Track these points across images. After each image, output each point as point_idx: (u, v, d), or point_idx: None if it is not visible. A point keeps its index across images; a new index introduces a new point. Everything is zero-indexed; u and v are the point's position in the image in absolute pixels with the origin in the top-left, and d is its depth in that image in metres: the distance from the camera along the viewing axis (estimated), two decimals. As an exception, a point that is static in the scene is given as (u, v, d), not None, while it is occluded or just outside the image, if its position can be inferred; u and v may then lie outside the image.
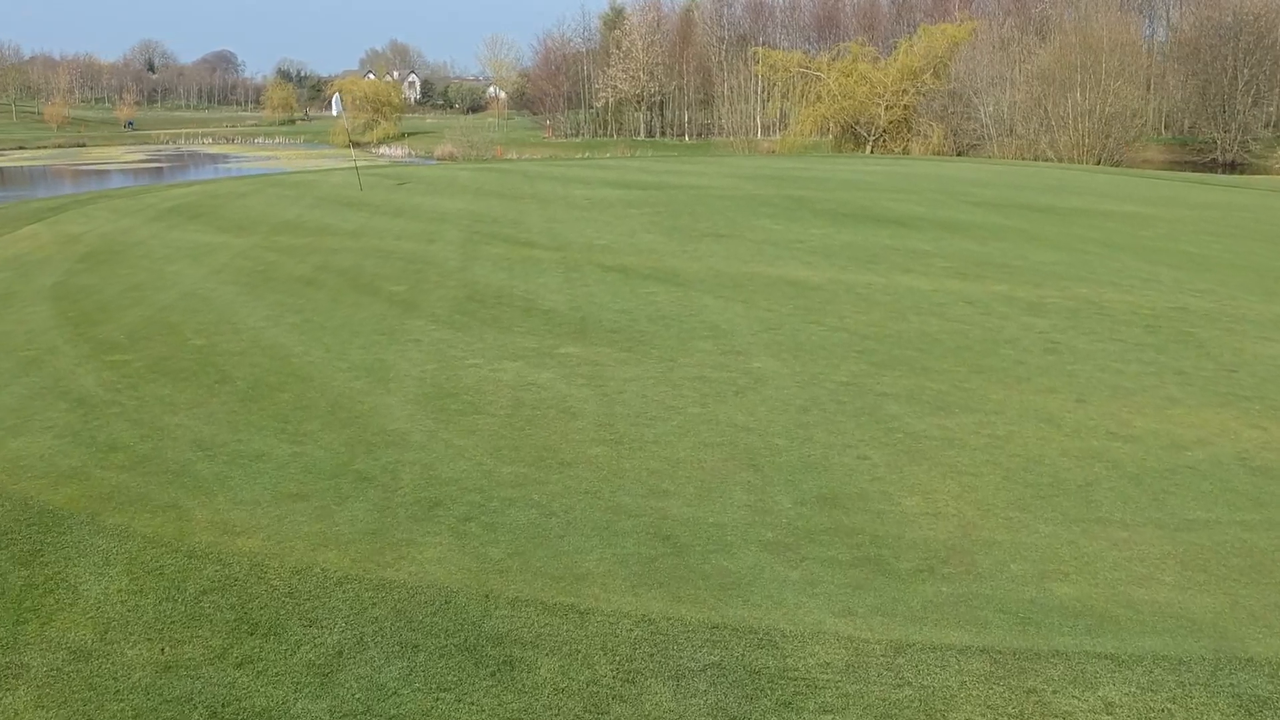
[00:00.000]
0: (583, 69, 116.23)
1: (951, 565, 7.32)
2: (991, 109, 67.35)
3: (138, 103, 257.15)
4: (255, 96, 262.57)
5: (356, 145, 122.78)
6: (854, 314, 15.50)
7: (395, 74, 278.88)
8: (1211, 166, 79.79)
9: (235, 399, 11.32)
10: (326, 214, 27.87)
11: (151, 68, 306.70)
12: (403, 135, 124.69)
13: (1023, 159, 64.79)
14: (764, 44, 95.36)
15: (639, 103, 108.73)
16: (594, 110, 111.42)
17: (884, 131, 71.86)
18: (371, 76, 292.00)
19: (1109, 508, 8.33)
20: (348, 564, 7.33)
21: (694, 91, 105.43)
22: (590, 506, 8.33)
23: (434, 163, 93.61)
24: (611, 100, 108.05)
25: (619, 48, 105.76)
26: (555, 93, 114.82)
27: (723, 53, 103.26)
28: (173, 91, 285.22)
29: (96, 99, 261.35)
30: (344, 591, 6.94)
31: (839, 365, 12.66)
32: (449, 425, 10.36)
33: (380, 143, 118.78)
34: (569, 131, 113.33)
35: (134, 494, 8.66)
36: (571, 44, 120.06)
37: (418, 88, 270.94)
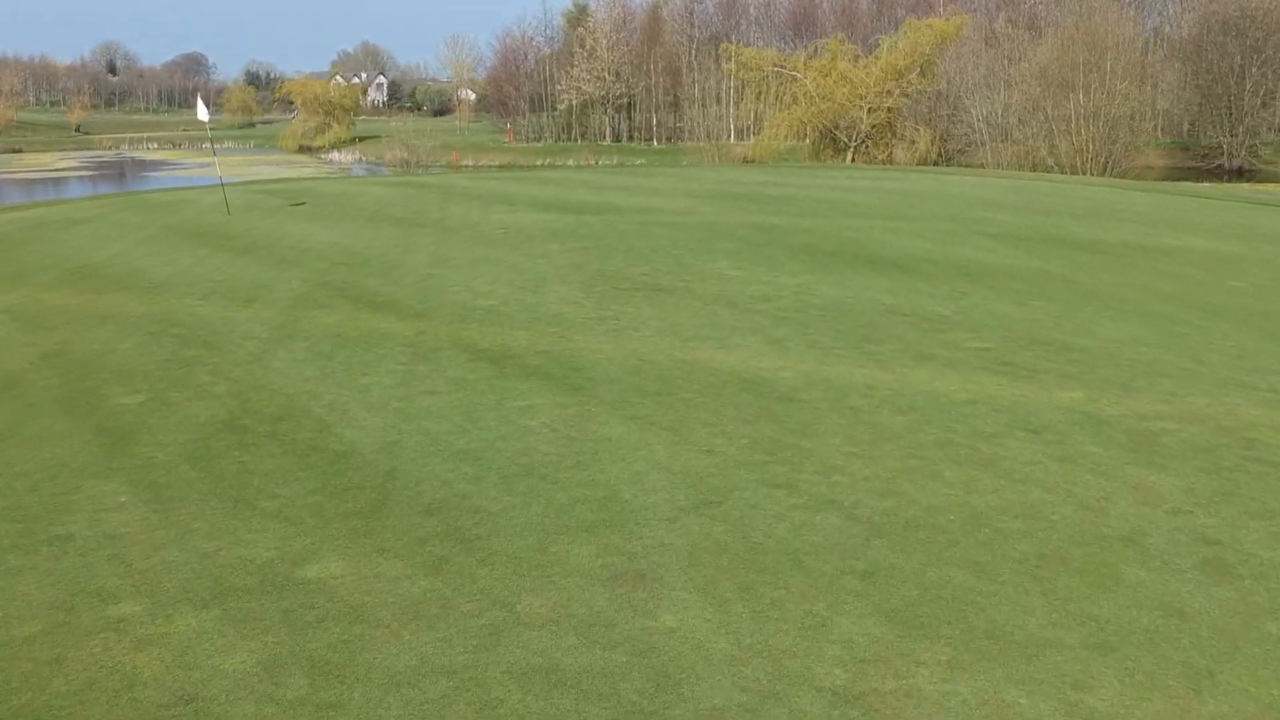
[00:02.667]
0: (544, 69, 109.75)
1: None
2: (984, 111, 61.41)
3: (94, 105, 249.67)
4: (218, 99, 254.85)
5: (307, 150, 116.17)
6: (849, 461, 9.24)
7: (364, 75, 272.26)
8: (1218, 173, 74.18)
9: None
10: (151, 252, 21.42)
11: (113, 70, 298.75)
12: (356, 140, 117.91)
13: (1021, 168, 58.84)
14: (737, 43, 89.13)
15: (605, 105, 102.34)
16: (557, 113, 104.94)
17: (866, 137, 65.80)
18: (339, 79, 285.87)
19: None
20: None
21: (663, 93, 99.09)
22: None
23: (385, 171, 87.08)
24: (576, 103, 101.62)
25: (583, 46, 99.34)
26: (516, 95, 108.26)
27: (693, 52, 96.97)
28: (132, 94, 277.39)
29: (52, 102, 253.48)
30: None
31: (829, 626, 6.37)
32: None
33: (332, 147, 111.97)
34: (531, 136, 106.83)
35: None
36: (534, 42, 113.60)
37: (385, 90, 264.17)
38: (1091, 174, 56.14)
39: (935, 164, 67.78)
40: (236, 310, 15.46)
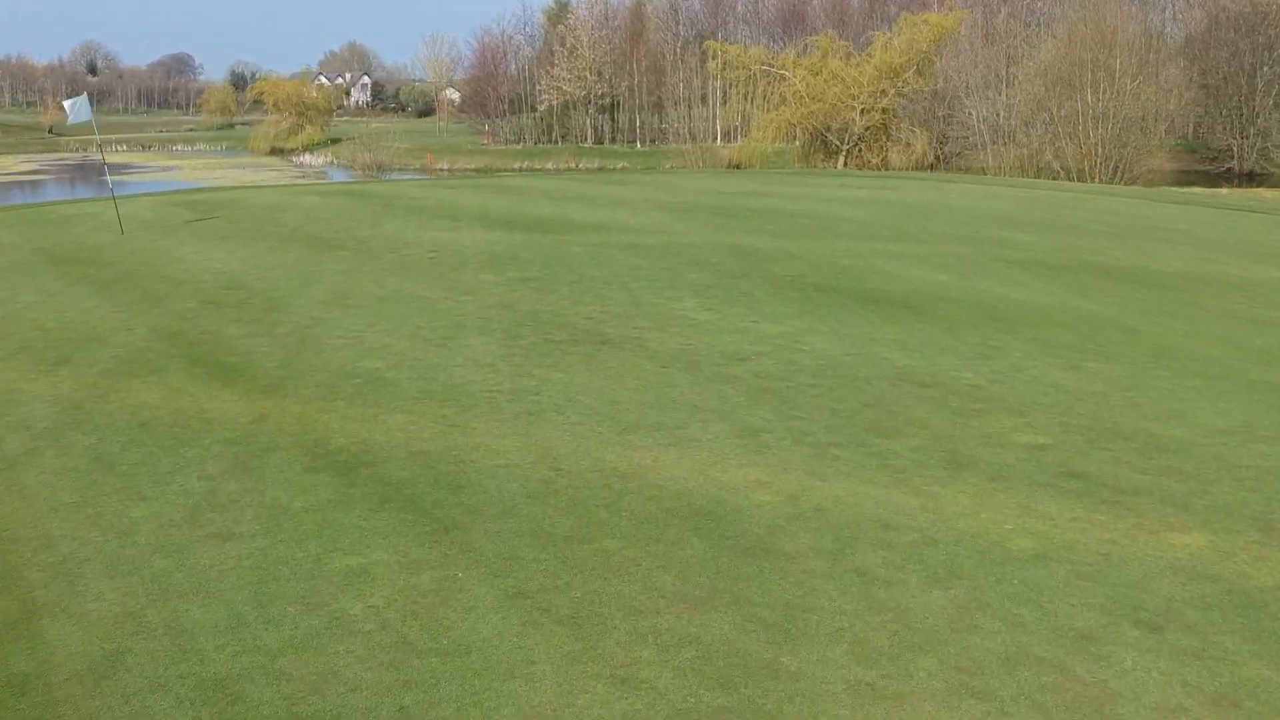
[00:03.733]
0: (523, 69, 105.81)
1: None
2: (985, 112, 57.67)
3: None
4: (198, 100, 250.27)
5: (278, 152, 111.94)
6: (863, 703, 5.44)
7: (348, 75, 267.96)
8: (1227, 177, 70.66)
9: None
10: (-7, 285, 17.53)
11: (94, 70, 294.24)
12: (330, 141, 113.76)
13: (1024, 172, 55.17)
14: (723, 40, 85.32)
15: (587, 106, 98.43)
16: (537, 114, 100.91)
17: (859, 139, 61.98)
18: (323, 79, 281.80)
19: None
20: None
21: (646, 93, 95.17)
22: None
23: (354, 176, 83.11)
24: (556, 104, 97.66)
25: (563, 44, 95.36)
26: (495, 95, 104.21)
27: (677, 50, 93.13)
28: (111, 95, 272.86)
29: (29, 102, 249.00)
30: None
31: None
32: None
33: (305, 150, 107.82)
34: (510, 138, 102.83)
35: None
36: (514, 41, 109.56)
37: (368, 90, 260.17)
38: (1100, 179, 52.50)
39: (931, 168, 64.13)
40: (32, 380, 11.59)
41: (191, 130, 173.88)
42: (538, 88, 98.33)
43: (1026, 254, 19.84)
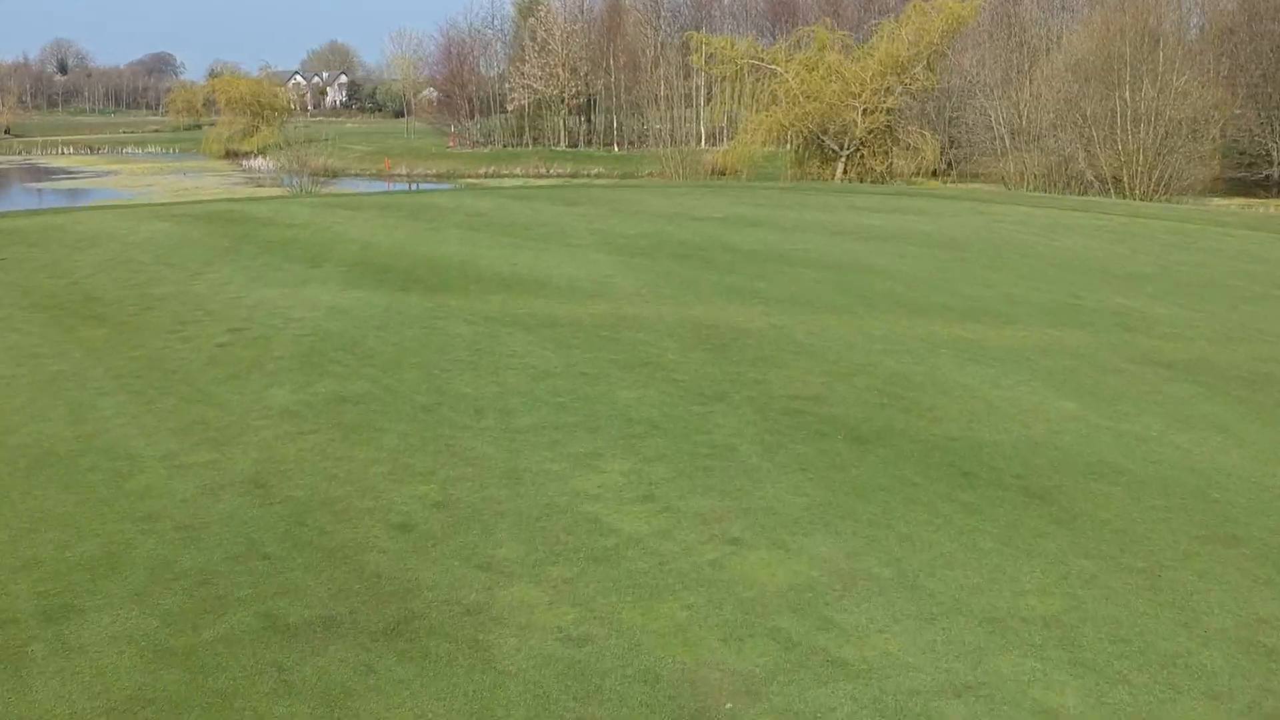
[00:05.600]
0: (492, 66, 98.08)
1: None
2: (1005, 113, 50.23)
3: (36, 106, 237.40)
4: (165, 99, 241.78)
5: (232, 155, 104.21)
6: None
7: (325, 74, 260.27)
8: (1265, 185, 63.32)
9: None
10: None
11: (64, 69, 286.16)
12: (288, 144, 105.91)
13: (1051, 183, 47.80)
14: (708, 33, 77.82)
15: (561, 106, 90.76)
16: (507, 115, 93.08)
17: (861, 144, 54.37)
18: (299, 79, 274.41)
19: None
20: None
21: (625, 93, 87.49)
22: None
23: (298, 183, 75.49)
24: (528, 103, 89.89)
25: (534, 39, 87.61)
26: (460, 94, 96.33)
27: (658, 46, 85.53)
28: (79, 94, 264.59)
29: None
30: None
31: None
32: None
33: (258, 153, 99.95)
34: (478, 140, 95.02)
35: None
36: (482, 35, 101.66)
37: (343, 90, 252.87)
38: (1141, 191, 45.19)
39: (938, 174, 56.70)
40: None
41: (157, 131, 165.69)
42: (505, 86, 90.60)
43: (1180, 345, 12.42)
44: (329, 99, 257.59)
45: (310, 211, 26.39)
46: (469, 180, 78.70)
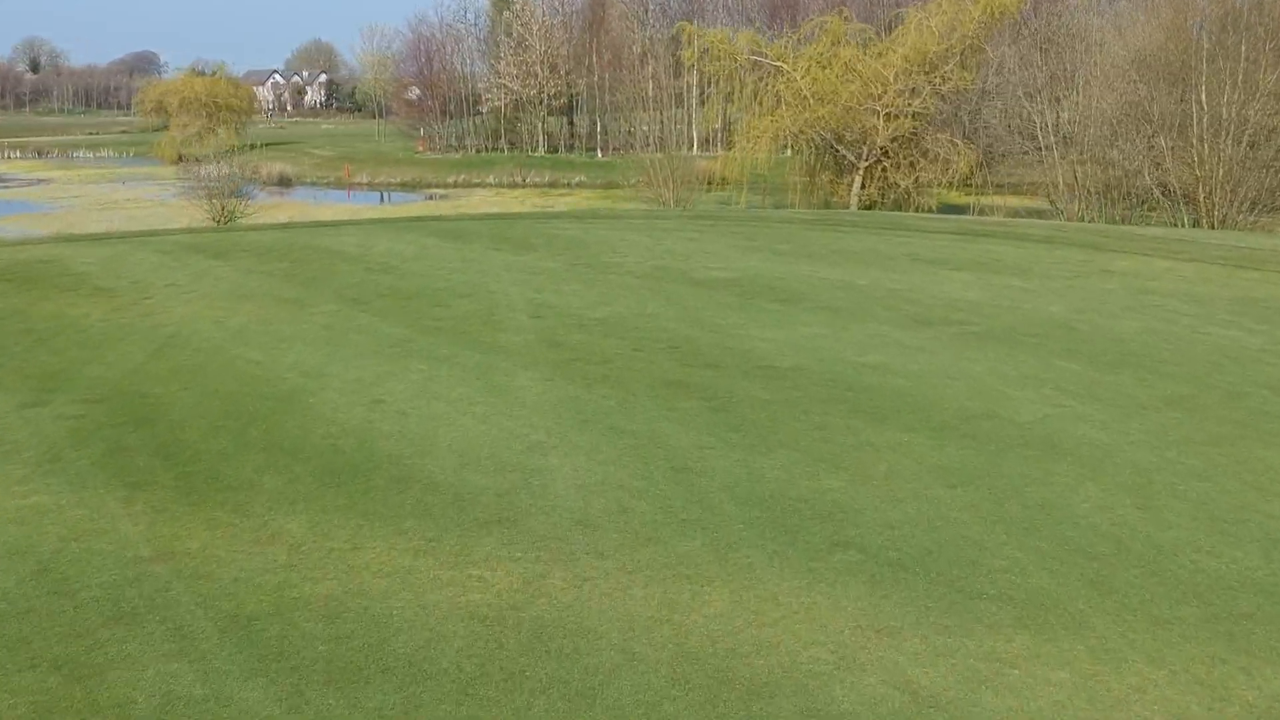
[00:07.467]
0: (465, 63, 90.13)
1: None
2: (1053, 120, 42.66)
3: (2, 107, 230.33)
4: (136, 99, 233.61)
5: (186, 160, 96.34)
6: None
7: (305, 74, 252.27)
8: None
9: None
10: None
11: (35, 68, 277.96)
12: (251, 147, 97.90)
13: (1112, 201, 40.22)
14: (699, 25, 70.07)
15: (540, 108, 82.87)
16: (482, 117, 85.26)
17: (883, 154, 46.42)
18: (278, 78, 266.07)
19: None
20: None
21: (609, 93, 79.73)
22: None
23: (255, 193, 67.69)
24: (505, 105, 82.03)
25: (510, 35, 79.77)
26: (431, 94, 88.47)
27: (646, 41, 77.85)
28: (48, 94, 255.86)
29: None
30: None
31: None
32: None
33: (216, 158, 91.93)
34: (450, 144, 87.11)
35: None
36: (456, 30, 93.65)
37: (322, 90, 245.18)
38: (1225, 216, 37.59)
39: (969, 186, 49.14)
40: None
41: (124, 132, 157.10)
42: (479, 86, 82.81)
43: None
44: (308, 98, 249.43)
45: (153, 261, 18.39)
46: (436, 190, 71.10)
